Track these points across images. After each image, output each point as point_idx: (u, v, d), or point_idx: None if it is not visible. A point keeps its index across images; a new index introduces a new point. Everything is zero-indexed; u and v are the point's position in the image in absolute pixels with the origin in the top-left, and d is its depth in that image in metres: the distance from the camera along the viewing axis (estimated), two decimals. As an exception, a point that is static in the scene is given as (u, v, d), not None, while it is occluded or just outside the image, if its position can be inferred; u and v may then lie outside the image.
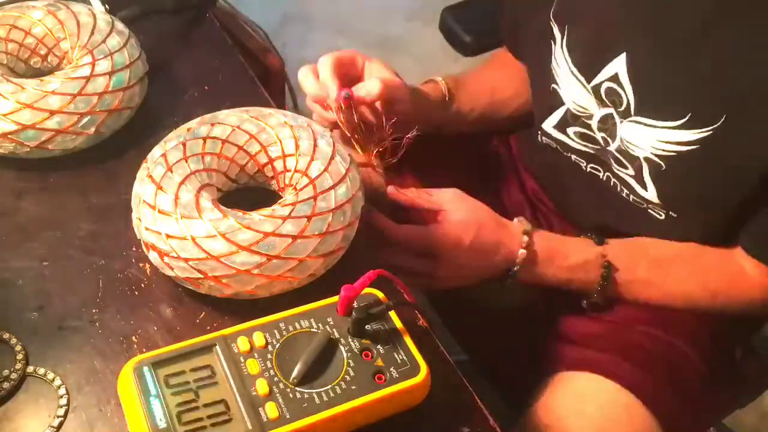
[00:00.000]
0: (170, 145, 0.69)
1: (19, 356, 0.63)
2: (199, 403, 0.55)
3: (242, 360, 0.58)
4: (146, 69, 0.83)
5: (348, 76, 0.84)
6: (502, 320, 0.95)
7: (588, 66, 0.81)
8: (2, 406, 0.61)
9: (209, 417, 0.54)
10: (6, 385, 0.61)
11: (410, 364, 0.60)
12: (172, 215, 0.64)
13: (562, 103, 0.87)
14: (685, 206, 0.82)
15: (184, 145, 0.69)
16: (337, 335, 0.60)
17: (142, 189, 0.67)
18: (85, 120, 0.76)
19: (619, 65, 0.77)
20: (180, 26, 0.97)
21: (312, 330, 0.60)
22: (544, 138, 0.93)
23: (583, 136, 0.87)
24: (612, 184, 0.88)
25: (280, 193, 0.73)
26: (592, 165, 0.89)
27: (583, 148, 0.88)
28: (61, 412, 0.60)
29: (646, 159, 0.79)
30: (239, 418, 0.54)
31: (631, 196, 0.85)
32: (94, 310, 0.67)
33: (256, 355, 0.58)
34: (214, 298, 0.66)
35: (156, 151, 0.70)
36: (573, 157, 0.91)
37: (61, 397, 0.61)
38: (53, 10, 0.82)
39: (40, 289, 0.68)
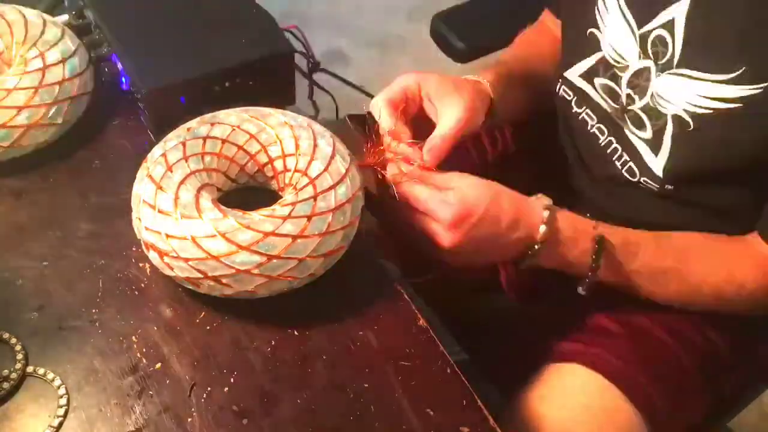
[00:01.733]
0: (170, 145, 0.69)
1: (19, 356, 0.63)
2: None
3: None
4: (89, 55, 0.83)
5: (409, 112, 0.79)
6: (500, 318, 0.95)
7: (645, 8, 0.77)
8: (2, 406, 0.61)
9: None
10: (6, 385, 0.61)
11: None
12: (171, 215, 0.64)
13: (598, 50, 0.83)
14: (693, 178, 0.79)
15: (183, 144, 0.69)
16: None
17: (141, 189, 0.67)
18: (52, 110, 0.76)
19: (678, 10, 0.74)
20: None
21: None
22: (563, 87, 0.90)
23: (607, 90, 0.84)
24: (611, 149, 0.85)
25: (280, 192, 0.73)
26: (599, 125, 0.86)
27: (602, 104, 0.85)
28: (61, 411, 0.60)
29: (675, 117, 0.76)
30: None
31: (629, 165, 0.83)
32: (94, 310, 0.67)
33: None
34: (214, 298, 0.66)
35: (156, 151, 0.70)
36: (585, 112, 0.87)
37: (61, 397, 0.61)
38: None
39: (40, 289, 0.68)
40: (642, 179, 0.83)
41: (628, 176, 0.84)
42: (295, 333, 0.67)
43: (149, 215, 0.65)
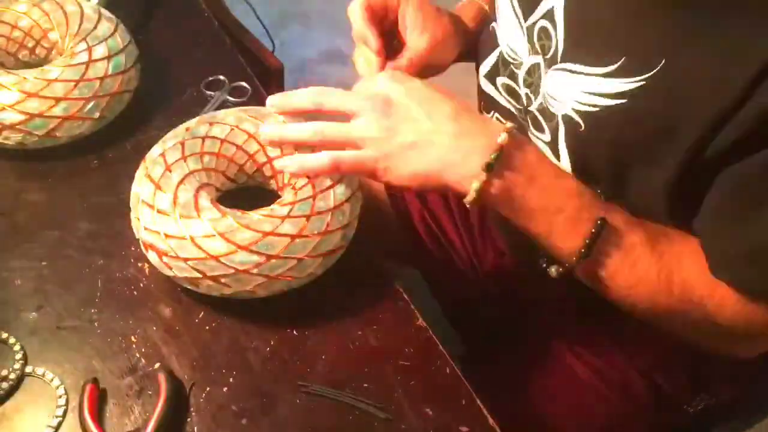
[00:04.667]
0: (169, 145, 0.69)
1: (18, 356, 0.63)
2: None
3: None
4: (138, 52, 0.84)
5: (384, 20, 0.75)
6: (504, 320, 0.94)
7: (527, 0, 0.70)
8: (1, 407, 0.61)
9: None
10: (5, 385, 0.61)
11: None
12: (170, 215, 0.64)
13: (497, 45, 0.76)
14: (598, 182, 0.66)
15: (182, 144, 0.69)
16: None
17: (140, 188, 0.67)
18: (90, 105, 0.76)
19: None
20: (180, 26, 0.97)
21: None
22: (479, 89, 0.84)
23: (509, 90, 0.76)
24: None
25: (278, 192, 0.73)
26: None
27: (508, 105, 0.77)
28: (60, 412, 0.60)
29: (565, 118, 0.67)
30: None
31: None
32: (92, 310, 0.67)
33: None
34: (213, 298, 0.66)
35: (155, 151, 0.69)
36: (495, 117, 0.80)
37: (60, 397, 0.61)
38: (37, 1, 0.83)
39: (38, 289, 0.68)
40: None
41: None
42: (295, 333, 0.67)
43: (148, 215, 0.65)
